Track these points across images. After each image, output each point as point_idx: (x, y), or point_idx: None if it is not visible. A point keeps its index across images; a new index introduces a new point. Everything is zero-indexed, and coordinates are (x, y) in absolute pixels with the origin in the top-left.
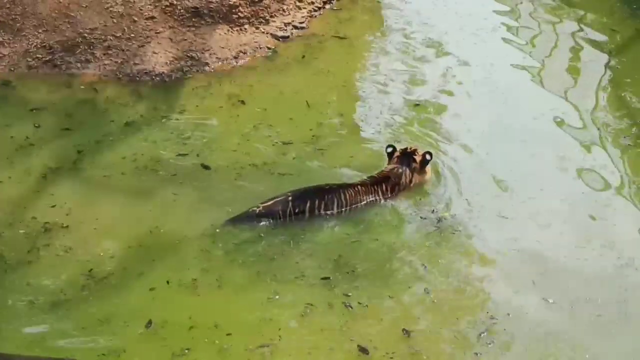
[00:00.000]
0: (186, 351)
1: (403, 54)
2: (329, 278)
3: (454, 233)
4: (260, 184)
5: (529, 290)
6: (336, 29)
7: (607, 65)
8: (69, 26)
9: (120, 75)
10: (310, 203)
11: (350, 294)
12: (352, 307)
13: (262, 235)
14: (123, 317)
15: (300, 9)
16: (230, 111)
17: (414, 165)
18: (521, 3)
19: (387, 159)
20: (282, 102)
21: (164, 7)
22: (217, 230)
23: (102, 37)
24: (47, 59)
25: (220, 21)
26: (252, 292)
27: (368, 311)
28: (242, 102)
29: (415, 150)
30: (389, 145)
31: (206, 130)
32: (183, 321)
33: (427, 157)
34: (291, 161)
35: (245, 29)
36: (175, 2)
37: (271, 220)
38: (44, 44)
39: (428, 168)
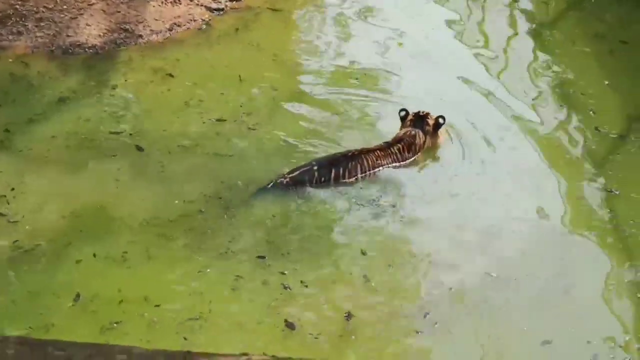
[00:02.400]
0: (115, 324)
1: (338, 27)
2: (264, 257)
3: (394, 215)
4: (193, 165)
5: (470, 266)
6: (271, 2)
7: (538, 36)
8: None
9: (53, 48)
10: (335, 171)
11: (286, 272)
12: (290, 288)
13: (202, 210)
14: (52, 290)
15: None
16: (161, 86)
17: (427, 127)
18: None
19: (400, 122)
20: (214, 77)
21: None
22: (151, 206)
23: (34, 8)
24: None
25: None
26: (183, 265)
27: (304, 291)
28: (171, 75)
29: (427, 113)
30: (402, 109)
31: (139, 106)
32: (112, 294)
33: (440, 120)
34: (224, 140)
35: (180, 1)
36: None
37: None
38: None
39: (442, 131)
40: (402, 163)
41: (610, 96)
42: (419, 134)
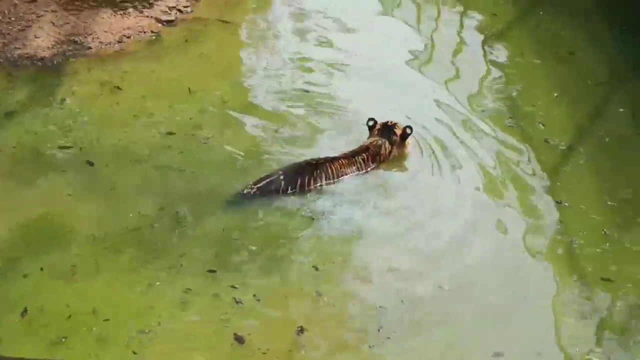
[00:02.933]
0: (64, 339)
1: (288, 39)
2: (215, 271)
3: (346, 228)
4: (144, 179)
5: (422, 279)
6: (221, 13)
7: (488, 48)
8: None
9: (1, 60)
10: (301, 179)
11: (237, 286)
12: (241, 302)
13: (153, 224)
14: None
15: None
16: (110, 99)
17: (394, 137)
18: None
19: (368, 132)
20: (163, 89)
21: None
22: (101, 220)
23: None
24: None
25: (104, 5)
26: (132, 279)
27: (255, 305)
28: (119, 88)
29: (395, 123)
30: (370, 119)
31: (88, 119)
32: (60, 308)
33: (408, 130)
34: (175, 153)
35: (129, 12)
36: None
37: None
38: None
39: (409, 141)
40: (365, 171)
41: (559, 107)
42: (385, 144)
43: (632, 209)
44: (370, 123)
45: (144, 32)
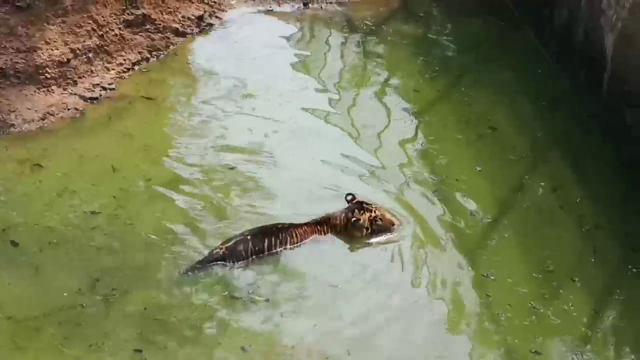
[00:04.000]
0: None
1: (211, 114)
2: (140, 351)
3: (271, 309)
4: (68, 258)
5: None
6: (145, 90)
7: (411, 123)
8: None
9: None
10: (268, 241)
11: None
12: None
13: (77, 303)
14: None
15: (109, 70)
16: (32, 177)
17: (350, 215)
18: (324, 67)
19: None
20: (85, 167)
21: None
22: (24, 299)
23: None
24: None
25: (27, 82)
26: (53, 357)
27: None
28: (40, 165)
29: (363, 206)
30: (349, 194)
31: (10, 198)
32: None
33: (353, 220)
34: (100, 233)
35: (53, 90)
36: None
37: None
38: None
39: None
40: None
41: (482, 181)
42: (340, 217)
43: (556, 280)
44: (349, 197)
45: (68, 109)
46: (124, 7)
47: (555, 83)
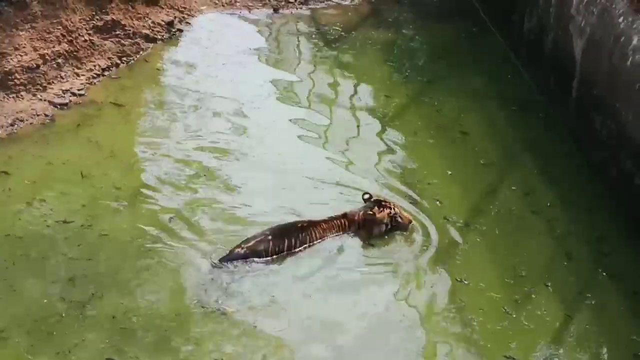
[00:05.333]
0: None
1: (180, 122)
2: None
3: (244, 320)
4: (39, 268)
5: None
6: (115, 96)
7: (382, 130)
8: None
9: None
10: (288, 240)
11: None
12: None
13: (50, 312)
14: None
15: (78, 75)
16: (1, 184)
17: (369, 213)
18: (294, 73)
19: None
20: (54, 175)
21: None
22: None
23: None
24: None
25: None
26: None
27: None
28: (7, 173)
29: (382, 204)
30: (366, 193)
31: None
32: None
33: (370, 216)
34: (73, 244)
35: (22, 95)
36: None
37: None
38: None
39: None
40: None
41: (453, 186)
42: (358, 214)
43: (528, 285)
44: (366, 196)
45: (37, 115)
46: (94, 13)
47: (525, 88)
